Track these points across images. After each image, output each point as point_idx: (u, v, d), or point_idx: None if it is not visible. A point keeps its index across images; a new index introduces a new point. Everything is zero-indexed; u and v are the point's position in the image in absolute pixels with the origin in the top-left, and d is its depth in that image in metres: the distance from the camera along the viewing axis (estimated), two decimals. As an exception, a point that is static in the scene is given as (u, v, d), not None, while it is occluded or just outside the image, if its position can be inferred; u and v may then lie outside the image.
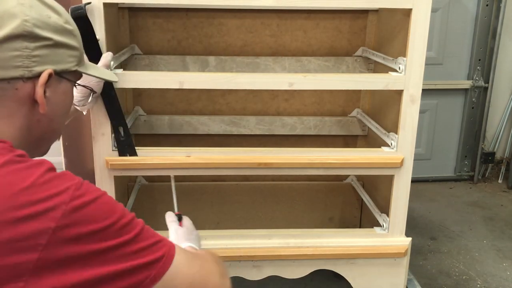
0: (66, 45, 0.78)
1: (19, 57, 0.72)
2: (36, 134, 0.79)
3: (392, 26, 1.56)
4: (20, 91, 0.73)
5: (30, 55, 0.73)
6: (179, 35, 1.73)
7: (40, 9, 0.75)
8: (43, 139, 0.82)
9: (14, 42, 0.71)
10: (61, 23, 0.77)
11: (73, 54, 0.80)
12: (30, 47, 0.72)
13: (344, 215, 1.97)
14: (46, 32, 0.74)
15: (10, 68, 0.71)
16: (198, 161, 1.36)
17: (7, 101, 0.73)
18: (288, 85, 1.32)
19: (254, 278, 1.46)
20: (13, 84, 0.73)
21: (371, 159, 1.41)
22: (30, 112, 0.76)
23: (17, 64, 0.72)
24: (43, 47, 0.74)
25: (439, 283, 1.97)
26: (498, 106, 3.00)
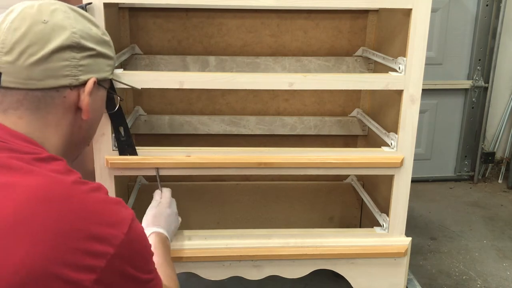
0: (105, 55, 0.85)
1: (68, 67, 0.77)
2: (76, 140, 0.84)
3: (392, 26, 1.56)
4: (67, 99, 0.79)
5: (77, 64, 0.78)
6: (179, 35, 1.73)
7: (83, 22, 0.81)
8: (80, 145, 0.87)
9: (64, 52, 0.77)
10: (100, 35, 0.84)
11: (110, 64, 0.87)
12: (77, 57, 0.78)
13: (344, 215, 1.97)
14: (90, 43, 0.81)
15: (60, 77, 0.77)
16: (198, 161, 1.36)
17: (54, 109, 0.78)
18: (288, 85, 1.32)
19: (254, 278, 1.46)
20: (61, 92, 0.78)
21: (371, 159, 1.41)
22: (73, 119, 0.81)
23: (66, 73, 0.77)
24: (87, 57, 0.80)
25: (439, 283, 1.97)
26: (498, 106, 3.00)
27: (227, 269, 1.44)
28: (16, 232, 0.63)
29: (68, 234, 0.65)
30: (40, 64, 0.75)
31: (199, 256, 1.40)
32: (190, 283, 1.78)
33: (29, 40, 0.74)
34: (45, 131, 0.78)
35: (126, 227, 0.71)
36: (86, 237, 0.66)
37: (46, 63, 0.75)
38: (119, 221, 0.71)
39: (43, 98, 0.76)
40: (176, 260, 1.41)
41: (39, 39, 0.75)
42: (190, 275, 1.44)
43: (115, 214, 0.72)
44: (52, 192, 0.67)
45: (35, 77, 0.75)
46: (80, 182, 0.72)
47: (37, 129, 0.77)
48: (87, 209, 0.69)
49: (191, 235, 1.43)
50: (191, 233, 1.44)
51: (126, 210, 0.75)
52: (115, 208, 0.73)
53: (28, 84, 0.75)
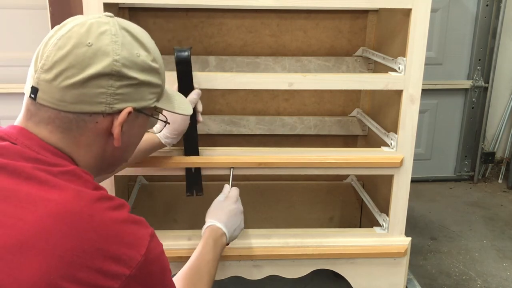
0: (149, 84, 0.80)
1: (104, 94, 0.75)
2: (108, 161, 0.83)
3: (392, 26, 1.56)
4: (100, 125, 0.77)
5: (114, 93, 0.75)
6: (180, 35, 1.73)
7: (131, 47, 0.77)
8: (114, 165, 0.86)
9: (102, 80, 0.74)
10: (148, 62, 0.79)
11: (154, 92, 0.82)
12: (115, 85, 0.75)
13: (344, 215, 1.97)
14: (133, 72, 0.76)
15: (93, 104, 0.74)
16: (198, 160, 1.36)
17: (87, 132, 0.76)
18: (288, 85, 1.32)
19: (254, 278, 1.46)
20: (94, 117, 0.76)
21: (371, 159, 1.41)
22: (106, 143, 0.80)
23: (101, 101, 0.75)
24: (127, 86, 0.76)
25: (439, 283, 1.97)
26: (498, 106, 3.00)
27: (227, 269, 1.44)
28: (35, 246, 0.63)
29: (85, 253, 0.65)
30: (75, 88, 0.73)
31: (199, 256, 1.40)
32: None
33: (69, 62, 0.73)
34: (77, 150, 0.77)
35: (144, 249, 0.71)
36: (102, 257, 0.66)
37: (81, 88, 0.73)
38: (137, 241, 0.71)
39: (75, 121, 0.75)
40: (176, 260, 1.41)
41: (79, 62, 0.73)
42: (190, 275, 1.44)
43: (135, 234, 0.71)
44: (73, 208, 0.67)
45: (68, 100, 0.73)
46: (103, 199, 0.71)
47: (67, 146, 0.76)
48: (107, 228, 0.68)
49: (191, 235, 1.43)
50: (191, 233, 1.44)
51: (145, 230, 0.74)
52: (135, 228, 0.72)
53: (60, 105, 0.74)
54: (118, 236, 0.69)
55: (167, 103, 0.88)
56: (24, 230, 0.63)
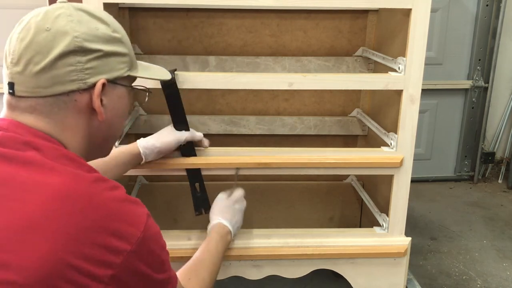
0: (116, 53, 0.83)
1: (74, 72, 0.77)
2: (98, 140, 0.86)
3: (392, 26, 1.56)
4: (79, 102, 0.80)
5: (83, 68, 0.78)
6: (180, 35, 1.73)
7: (88, 23, 0.80)
8: (104, 143, 0.88)
9: (68, 58, 0.77)
10: (109, 33, 0.82)
11: (123, 61, 0.85)
12: (82, 60, 0.78)
13: (344, 215, 1.97)
14: (95, 44, 0.79)
15: (67, 83, 0.77)
16: (198, 161, 1.36)
17: (69, 113, 0.79)
18: (288, 85, 1.32)
19: (253, 278, 1.46)
20: (71, 96, 0.79)
21: (371, 159, 1.41)
22: (90, 121, 0.82)
23: (73, 78, 0.78)
24: (94, 59, 0.79)
25: (439, 283, 1.97)
26: (498, 106, 3.00)
27: (227, 269, 1.44)
28: (42, 226, 0.66)
29: (89, 230, 0.69)
30: (46, 72, 0.76)
31: (199, 256, 1.40)
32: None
33: (34, 50, 0.76)
34: (64, 133, 0.80)
35: (142, 226, 0.74)
36: (105, 233, 0.69)
37: (51, 70, 0.76)
38: (137, 219, 0.74)
39: (55, 103, 0.78)
40: (176, 260, 1.41)
41: (42, 47, 0.76)
42: (190, 275, 1.44)
43: (133, 212, 0.75)
44: (74, 190, 0.70)
45: (42, 85, 0.76)
46: (100, 180, 0.74)
47: (55, 131, 0.79)
48: (107, 206, 0.72)
49: (191, 235, 1.43)
50: (191, 233, 1.44)
51: (142, 209, 0.77)
52: (133, 207, 0.75)
53: (36, 92, 0.77)
54: (118, 214, 0.72)
55: (143, 72, 0.92)
56: (30, 212, 0.67)
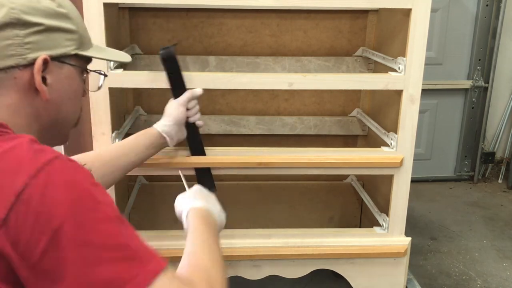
0: (60, 29, 0.76)
1: (12, 46, 0.71)
2: (45, 121, 0.78)
3: (392, 26, 1.56)
4: (19, 80, 0.73)
5: (22, 42, 0.72)
6: (180, 35, 1.73)
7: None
8: (55, 126, 0.80)
9: (4, 31, 0.70)
10: (53, 7, 0.76)
11: (70, 38, 0.78)
12: (20, 34, 0.72)
13: (344, 215, 1.97)
14: (35, 18, 0.73)
15: (4, 58, 0.71)
16: (198, 160, 1.36)
17: (8, 91, 0.73)
18: (288, 85, 1.32)
19: (253, 278, 1.46)
20: (10, 73, 0.72)
21: (371, 159, 1.41)
22: (34, 100, 0.75)
23: (11, 53, 0.71)
24: (34, 33, 0.73)
25: (439, 283, 1.97)
26: (498, 106, 3.00)
27: (227, 269, 1.44)
28: None
29: None
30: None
31: (199, 256, 1.40)
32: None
33: None
34: (6, 114, 0.73)
35: (33, 170, 0.60)
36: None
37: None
38: (28, 165, 0.61)
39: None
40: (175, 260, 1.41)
41: None
42: (190, 275, 1.44)
43: (26, 159, 0.62)
44: None
45: None
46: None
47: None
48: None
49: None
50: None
51: (46, 154, 0.63)
52: (29, 154, 0.63)
53: None
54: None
55: (95, 52, 0.84)
56: None
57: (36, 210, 0.59)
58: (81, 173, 0.65)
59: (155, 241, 1.42)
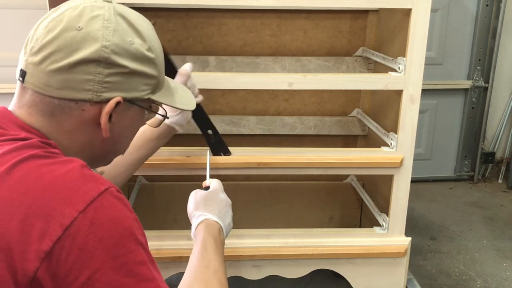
0: (142, 74, 0.76)
1: (91, 81, 0.71)
2: (98, 152, 0.79)
3: (392, 26, 1.56)
4: (86, 113, 0.73)
5: (102, 80, 0.72)
6: (180, 35, 1.73)
7: (124, 33, 0.73)
8: (106, 156, 0.82)
9: (89, 66, 0.70)
10: (142, 50, 0.76)
11: (148, 83, 0.78)
12: (103, 73, 0.71)
13: (344, 215, 1.97)
14: (123, 60, 0.73)
15: (80, 91, 0.71)
16: (198, 161, 1.36)
17: (71, 119, 0.73)
18: (288, 85, 1.32)
19: (253, 278, 1.46)
20: (80, 105, 0.72)
21: (371, 159, 1.41)
22: (93, 133, 0.75)
23: (88, 88, 0.71)
24: (117, 74, 0.73)
25: (439, 283, 1.97)
26: (498, 106, 3.00)
27: (227, 268, 1.43)
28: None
29: (35, 207, 0.60)
30: (61, 73, 0.70)
31: (199, 256, 1.40)
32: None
33: (57, 45, 0.70)
34: (58, 134, 0.73)
35: (84, 204, 0.62)
36: (32, 215, 0.60)
37: (68, 73, 0.70)
38: (78, 196, 0.62)
39: (60, 107, 0.72)
40: (175, 260, 1.41)
41: (66, 46, 0.70)
42: (190, 275, 1.44)
43: (75, 188, 0.63)
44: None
45: (53, 85, 0.70)
46: (40, 156, 0.66)
47: (46, 129, 0.73)
48: (40, 183, 0.62)
49: (190, 235, 1.43)
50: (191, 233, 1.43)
51: (95, 186, 0.64)
52: (79, 183, 0.64)
53: (45, 90, 0.71)
54: (51, 192, 0.62)
55: (166, 96, 0.83)
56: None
57: (80, 247, 0.60)
58: (126, 210, 0.67)
59: (155, 241, 1.42)
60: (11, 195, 0.62)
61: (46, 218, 0.60)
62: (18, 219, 0.60)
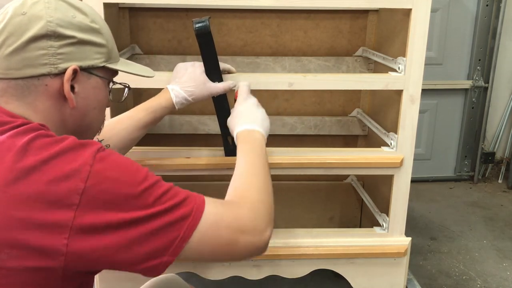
0: (91, 43, 0.83)
1: (45, 55, 0.78)
2: (71, 127, 0.84)
3: (392, 26, 1.56)
4: (50, 87, 0.79)
5: (55, 53, 0.78)
6: (180, 35, 1.73)
7: (65, 11, 0.80)
8: (79, 132, 0.86)
9: (40, 41, 0.77)
10: (86, 22, 0.82)
11: (99, 51, 0.84)
12: (54, 45, 0.78)
13: (344, 215, 1.97)
14: (69, 31, 0.79)
15: (38, 66, 0.78)
16: (198, 161, 1.36)
17: (40, 97, 0.79)
18: (288, 85, 1.32)
19: (253, 278, 1.46)
20: (42, 80, 0.79)
21: (371, 159, 1.41)
22: (62, 107, 0.82)
23: (44, 62, 0.78)
24: (67, 45, 0.79)
25: (439, 283, 1.97)
26: (498, 106, 3.00)
27: (227, 269, 1.44)
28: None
29: (14, 204, 0.67)
30: (17, 54, 0.77)
31: (199, 256, 1.40)
32: (190, 283, 1.78)
33: (8, 31, 0.77)
34: (35, 116, 0.79)
35: (85, 173, 0.70)
36: (47, 180, 0.68)
37: (23, 52, 0.77)
38: (75, 169, 0.70)
39: (26, 86, 0.78)
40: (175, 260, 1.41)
41: (16, 30, 0.77)
42: (190, 274, 1.44)
43: (69, 163, 0.70)
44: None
45: (13, 66, 0.77)
46: (38, 136, 0.72)
47: (25, 113, 0.79)
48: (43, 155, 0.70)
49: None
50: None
51: (84, 151, 0.72)
52: (71, 157, 0.71)
53: (8, 74, 0.78)
54: (59, 161, 0.70)
55: (122, 66, 0.90)
56: None
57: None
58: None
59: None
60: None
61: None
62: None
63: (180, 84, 1.22)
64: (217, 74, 1.25)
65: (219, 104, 1.30)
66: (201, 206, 0.77)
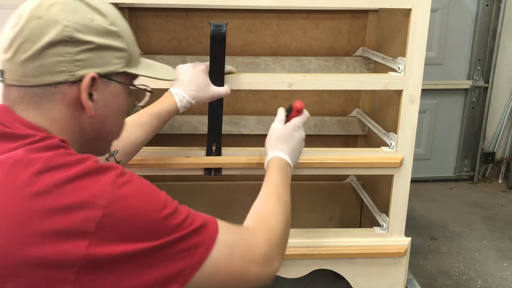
0: (110, 47, 0.78)
1: (62, 62, 0.74)
2: (89, 135, 0.81)
3: (392, 26, 1.56)
4: (67, 95, 0.75)
5: (73, 59, 0.74)
6: (179, 35, 1.73)
7: (83, 13, 0.76)
8: (98, 140, 0.83)
9: (56, 47, 0.73)
10: (105, 25, 0.77)
11: (119, 56, 0.79)
12: (72, 51, 0.74)
13: (344, 215, 1.97)
14: (87, 36, 0.75)
15: (54, 73, 0.74)
16: (198, 161, 1.36)
17: (57, 105, 0.75)
18: (287, 85, 1.32)
19: (254, 278, 1.46)
20: (59, 88, 0.75)
21: (371, 159, 1.41)
22: (80, 116, 0.78)
23: (61, 69, 0.74)
24: (85, 51, 0.75)
25: (439, 283, 1.97)
26: (498, 106, 3.00)
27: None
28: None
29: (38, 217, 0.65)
30: (33, 60, 0.73)
31: (199, 256, 1.40)
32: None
33: (23, 37, 0.73)
34: (53, 125, 0.76)
35: (104, 200, 0.67)
36: (49, 235, 0.64)
37: (39, 59, 0.73)
38: (93, 195, 0.67)
39: (43, 94, 0.74)
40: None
41: (32, 35, 0.73)
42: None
43: (86, 189, 0.67)
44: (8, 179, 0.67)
45: (30, 74, 0.73)
46: (61, 155, 0.70)
47: (44, 122, 0.75)
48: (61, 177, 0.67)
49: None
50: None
51: (104, 176, 0.69)
52: (89, 181, 0.68)
53: (24, 81, 0.74)
54: (65, 199, 0.66)
55: (143, 70, 0.85)
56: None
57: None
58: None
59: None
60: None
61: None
62: None
63: (183, 87, 1.21)
64: (220, 78, 1.26)
65: (213, 108, 1.31)
66: (215, 234, 0.76)
